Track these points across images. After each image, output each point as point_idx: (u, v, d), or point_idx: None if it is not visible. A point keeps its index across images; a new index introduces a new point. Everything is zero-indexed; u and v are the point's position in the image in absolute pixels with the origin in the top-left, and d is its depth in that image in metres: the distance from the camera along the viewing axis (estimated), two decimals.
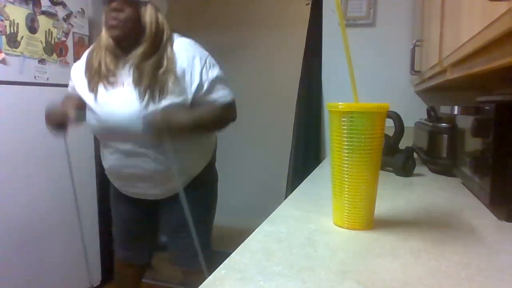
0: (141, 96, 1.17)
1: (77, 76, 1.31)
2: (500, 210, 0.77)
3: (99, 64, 1.22)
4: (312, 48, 2.03)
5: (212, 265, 0.56)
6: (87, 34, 2.17)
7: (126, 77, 1.20)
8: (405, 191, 1.05)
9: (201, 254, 1.27)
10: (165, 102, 1.18)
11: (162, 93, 1.18)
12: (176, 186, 1.28)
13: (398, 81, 1.81)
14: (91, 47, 1.31)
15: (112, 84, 1.21)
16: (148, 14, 1.19)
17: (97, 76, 1.23)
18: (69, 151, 2.04)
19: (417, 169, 1.25)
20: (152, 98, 1.17)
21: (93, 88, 1.23)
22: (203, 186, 1.40)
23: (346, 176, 0.69)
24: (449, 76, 0.94)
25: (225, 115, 1.30)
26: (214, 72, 1.26)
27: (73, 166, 2.09)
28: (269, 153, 3.08)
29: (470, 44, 0.68)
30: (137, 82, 1.18)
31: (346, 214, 0.70)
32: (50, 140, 1.94)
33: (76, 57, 2.08)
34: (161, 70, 1.19)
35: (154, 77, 1.18)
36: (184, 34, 1.29)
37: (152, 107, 1.17)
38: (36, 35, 1.83)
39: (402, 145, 1.29)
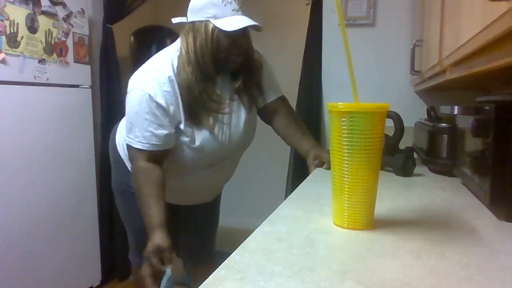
0: (247, 107, 1.23)
1: (176, 108, 1.10)
2: (500, 210, 0.77)
3: (203, 97, 1.11)
4: (312, 48, 2.03)
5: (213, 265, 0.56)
6: (87, 34, 2.17)
7: (225, 95, 1.19)
8: (405, 191, 1.04)
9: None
10: (253, 113, 1.27)
11: (261, 97, 1.29)
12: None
13: (398, 81, 1.81)
14: (177, 78, 1.09)
15: (221, 110, 1.16)
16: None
17: (205, 109, 1.12)
18: (69, 151, 2.04)
19: (417, 169, 1.25)
20: (252, 106, 1.26)
21: (206, 123, 1.13)
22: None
23: (346, 176, 0.69)
24: (449, 76, 0.94)
25: None
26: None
27: (73, 166, 2.10)
28: (269, 153, 3.08)
29: (470, 44, 0.68)
30: (245, 96, 1.22)
31: (346, 214, 0.70)
32: (50, 140, 1.95)
33: (76, 57, 2.08)
34: (255, 77, 1.25)
35: (256, 84, 1.25)
36: None
37: (249, 115, 1.25)
38: (36, 35, 1.83)
39: (402, 145, 1.29)
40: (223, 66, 1.13)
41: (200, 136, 1.13)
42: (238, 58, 1.12)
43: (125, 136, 1.15)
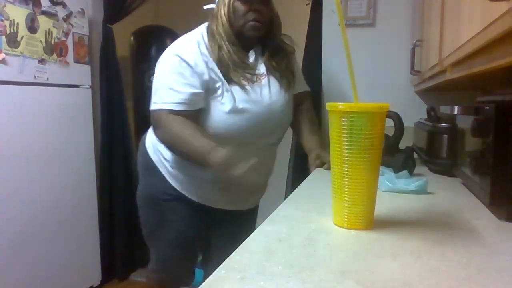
0: (283, 85, 1.23)
1: (203, 68, 1.12)
2: (500, 210, 0.77)
3: (232, 58, 1.13)
4: (312, 48, 2.02)
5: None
6: (87, 34, 2.17)
7: (259, 68, 1.21)
8: None
9: None
10: (289, 95, 1.25)
11: (293, 82, 1.28)
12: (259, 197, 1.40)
13: (398, 81, 1.81)
14: (207, 41, 1.15)
15: (254, 78, 1.18)
16: (274, 7, 1.23)
17: (236, 71, 1.14)
18: (69, 151, 2.04)
19: (417, 169, 1.25)
20: (288, 86, 1.25)
21: (238, 81, 1.14)
22: None
23: (346, 176, 0.69)
24: (449, 76, 0.94)
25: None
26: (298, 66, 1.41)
27: (73, 166, 2.10)
28: None
29: (470, 44, 0.68)
30: (277, 73, 1.22)
31: (346, 214, 0.70)
32: (50, 140, 1.95)
33: (76, 57, 2.08)
34: (287, 60, 1.26)
35: (287, 66, 1.26)
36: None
37: (286, 95, 1.23)
38: (36, 35, 1.83)
39: (402, 145, 1.29)
40: (244, 35, 1.16)
41: (240, 97, 1.14)
42: (257, 25, 1.14)
43: (152, 103, 1.13)
